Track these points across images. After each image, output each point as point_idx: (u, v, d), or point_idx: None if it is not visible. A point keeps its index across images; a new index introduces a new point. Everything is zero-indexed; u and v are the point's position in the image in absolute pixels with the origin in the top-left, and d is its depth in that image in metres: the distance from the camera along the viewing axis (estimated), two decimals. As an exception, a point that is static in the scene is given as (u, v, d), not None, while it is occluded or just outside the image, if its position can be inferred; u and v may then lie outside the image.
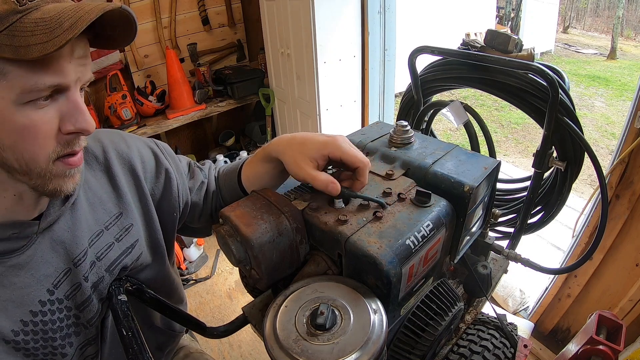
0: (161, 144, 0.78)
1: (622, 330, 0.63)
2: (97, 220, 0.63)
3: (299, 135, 0.63)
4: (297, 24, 2.02)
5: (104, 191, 0.65)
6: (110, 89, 2.31)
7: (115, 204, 0.66)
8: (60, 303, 0.59)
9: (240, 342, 1.84)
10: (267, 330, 0.43)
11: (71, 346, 0.62)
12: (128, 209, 0.67)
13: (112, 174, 0.66)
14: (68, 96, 0.49)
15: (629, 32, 8.74)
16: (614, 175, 1.20)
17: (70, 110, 0.49)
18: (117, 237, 0.65)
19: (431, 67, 1.16)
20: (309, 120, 2.24)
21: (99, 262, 0.63)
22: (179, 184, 0.74)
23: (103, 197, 0.65)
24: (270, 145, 0.68)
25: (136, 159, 0.70)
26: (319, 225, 0.53)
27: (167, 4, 2.51)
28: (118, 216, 0.66)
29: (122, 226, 0.66)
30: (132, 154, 0.69)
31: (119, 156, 0.68)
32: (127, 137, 0.72)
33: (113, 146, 0.68)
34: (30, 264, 0.55)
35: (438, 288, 0.57)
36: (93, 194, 0.64)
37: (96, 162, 0.65)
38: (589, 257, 0.98)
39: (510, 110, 5.16)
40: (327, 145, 0.58)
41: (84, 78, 0.50)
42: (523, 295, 1.82)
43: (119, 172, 0.67)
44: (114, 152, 0.67)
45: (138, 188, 0.69)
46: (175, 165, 0.76)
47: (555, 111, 0.87)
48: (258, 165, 0.71)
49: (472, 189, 0.55)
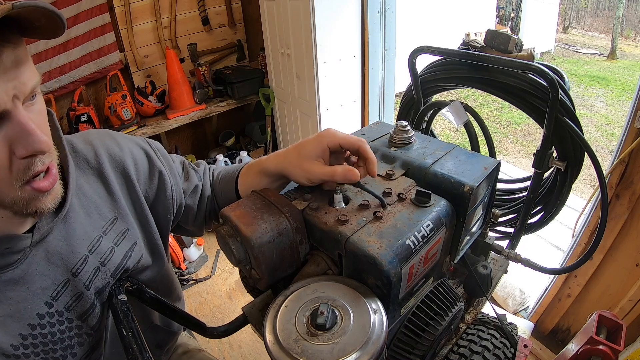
0: (154, 144, 0.75)
1: (622, 330, 0.63)
2: (94, 226, 0.62)
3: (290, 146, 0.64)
4: (297, 24, 2.02)
5: (98, 196, 0.64)
6: (110, 89, 2.31)
7: (110, 209, 0.65)
8: (61, 315, 0.58)
9: (240, 342, 1.84)
10: (267, 330, 0.43)
11: (74, 357, 0.62)
12: (123, 213, 0.66)
13: (105, 177, 0.64)
14: (11, 119, 0.44)
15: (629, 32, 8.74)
16: (614, 175, 1.20)
17: (17, 133, 0.44)
18: (115, 242, 0.64)
19: (431, 67, 1.16)
20: (309, 120, 2.24)
21: (103, 268, 0.62)
22: (172, 185, 0.73)
23: (97, 202, 0.63)
24: (267, 161, 0.68)
25: (129, 161, 0.68)
26: (319, 225, 0.53)
27: (167, 4, 2.51)
28: (113, 221, 0.65)
29: (119, 230, 0.65)
30: (124, 156, 0.68)
31: (111, 159, 0.66)
32: (118, 137, 0.70)
33: (105, 148, 0.66)
34: (26, 278, 0.54)
35: (438, 288, 0.57)
36: (87, 200, 0.62)
37: (88, 166, 0.64)
38: (589, 257, 0.98)
39: (510, 110, 5.16)
40: (322, 137, 0.59)
41: (24, 89, 0.44)
42: (523, 295, 1.82)
43: (112, 176, 0.65)
44: (106, 154, 0.66)
45: (131, 191, 0.68)
46: (168, 166, 0.74)
47: (555, 111, 0.87)
48: (256, 178, 0.71)
49: (472, 189, 0.55)
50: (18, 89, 0.43)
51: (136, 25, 2.44)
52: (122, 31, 2.39)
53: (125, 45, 2.45)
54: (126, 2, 2.33)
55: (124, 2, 2.32)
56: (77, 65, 2.28)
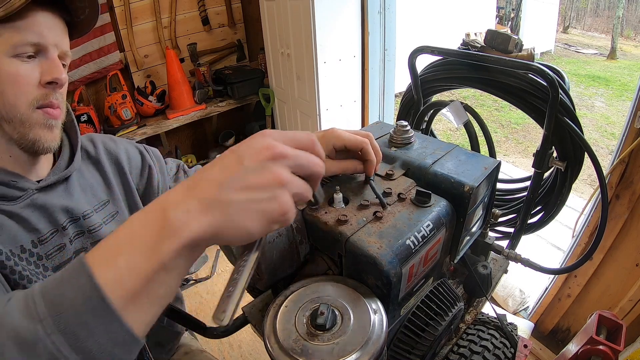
0: (150, 148, 0.87)
1: (622, 330, 0.63)
2: (88, 202, 0.71)
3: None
4: (297, 24, 2.02)
5: (95, 180, 0.75)
6: (110, 89, 2.31)
7: (104, 192, 0.75)
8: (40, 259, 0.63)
9: (240, 342, 1.84)
10: (267, 330, 0.43)
11: None
12: (115, 198, 0.76)
13: (101, 165, 0.76)
14: (47, 56, 0.59)
15: (629, 32, 8.74)
16: (614, 175, 1.20)
17: (48, 65, 0.59)
18: (104, 221, 0.72)
19: (431, 67, 1.16)
20: (309, 120, 2.24)
21: (88, 234, 0.70)
22: (159, 181, 0.84)
23: (94, 184, 0.74)
24: None
25: (122, 155, 0.79)
26: (319, 225, 0.53)
27: (167, 4, 2.51)
28: (105, 203, 0.74)
29: (109, 212, 0.74)
30: (118, 151, 0.79)
31: (106, 152, 0.78)
32: (116, 139, 0.83)
33: (102, 144, 0.79)
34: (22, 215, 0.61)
35: (438, 288, 0.57)
36: (85, 181, 0.72)
37: (87, 157, 0.76)
38: (589, 257, 0.98)
39: (510, 110, 5.16)
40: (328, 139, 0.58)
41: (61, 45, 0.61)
42: (523, 295, 1.82)
43: (107, 165, 0.77)
44: (103, 148, 0.78)
45: (124, 180, 0.79)
46: (159, 165, 0.86)
47: (555, 111, 0.87)
48: None
49: (472, 189, 0.55)
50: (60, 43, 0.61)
51: (136, 25, 2.44)
52: (122, 31, 2.39)
53: (125, 45, 2.44)
54: (126, 2, 2.33)
55: (124, 2, 2.32)
56: (77, 65, 2.27)
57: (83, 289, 0.30)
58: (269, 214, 0.34)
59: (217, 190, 0.33)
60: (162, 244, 0.32)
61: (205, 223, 0.32)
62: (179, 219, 0.32)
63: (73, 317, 0.30)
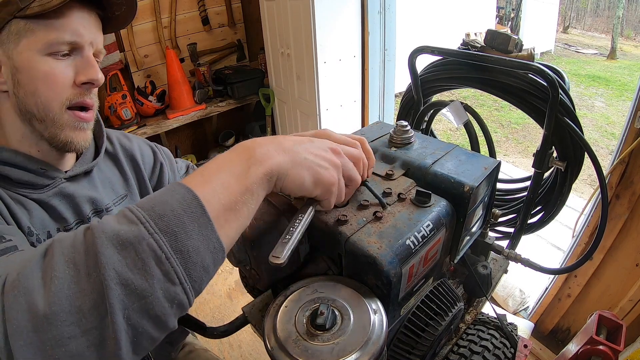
0: (161, 147, 0.91)
1: (622, 330, 0.63)
2: (107, 196, 0.74)
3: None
4: (297, 24, 2.02)
5: (113, 175, 0.77)
6: (110, 89, 2.31)
7: (122, 187, 0.78)
8: None
9: (240, 342, 1.84)
10: (267, 330, 0.43)
11: None
12: (132, 192, 0.79)
13: (119, 160, 0.79)
14: (82, 54, 0.59)
15: (629, 32, 8.74)
16: (614, 175, 1.20)
17: (84, 65, 0.59)
18: None
19: (431, 67, 1.16)
20: (309, 120, 2.24)
21: None
22: (170, 179, 0.87)
23: (112, 179, 0.76)
24: None
25: (136, 151, 0.83)
26: (319, 225, 0.53)
27: (167, 4, 2.51)
28: (124, 197, 0.77)
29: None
30: (133, 147, 0.83)
31: (122, 148, 0.81)
32: (130, 135, 0.86)
33: (118, 141, 0.82)
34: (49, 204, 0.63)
35: (438, 288, 0.57)
36: (104, 176, 0.75)
37: (105, 152, 0.78)
38: (589, 257, 0.98)
39: (510, 110, 5.16)
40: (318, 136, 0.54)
41: (96, 43, 0.61)
42: (523, 295, 1.82)
43: (123, 160, 0.79)
44: (119, 145, 0.81)
45: (139, 176, 0.81)
46: (170, 163, 0.88)
47: (555, 111, 0.87)
48: None
49: (472, 189, 0.55)
50: (95, 41, 0.61)
51: (136, 25, 2.44)
52: (122, 31, 2.39)
53: (125, 45, 2.44)
54: (126, 2, 2.33)
55: None
56: (77, 65, 2.28)
57: (183, 198, 0.35)
58: (320, 177, 0.44)
59: (292, 145, 0.44)
60: (249, 170, 0.39)
61: (282, 160, 0.42)
62: (264, 153, 0.41)
63: (174, 219, 0.34)
